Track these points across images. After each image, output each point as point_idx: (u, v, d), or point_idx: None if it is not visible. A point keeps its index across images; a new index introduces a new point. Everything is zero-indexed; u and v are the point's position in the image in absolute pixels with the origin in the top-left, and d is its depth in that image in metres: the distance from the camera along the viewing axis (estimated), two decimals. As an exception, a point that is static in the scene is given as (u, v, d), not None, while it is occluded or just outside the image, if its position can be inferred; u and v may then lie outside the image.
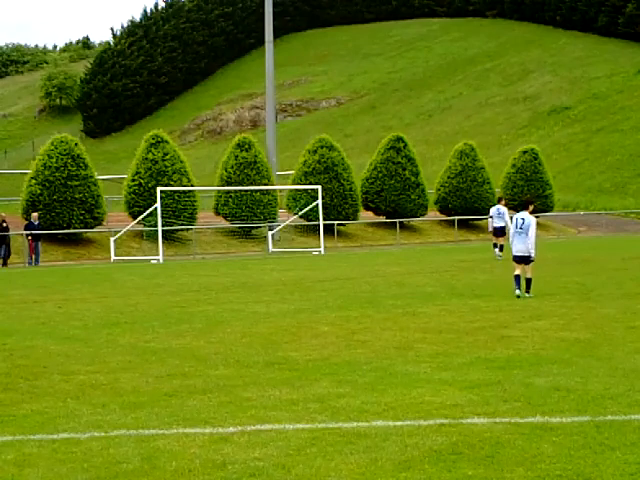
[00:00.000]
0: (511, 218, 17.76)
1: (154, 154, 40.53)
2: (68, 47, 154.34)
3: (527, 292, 16.25)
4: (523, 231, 16.09)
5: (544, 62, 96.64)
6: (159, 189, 37.10)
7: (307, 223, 44.19)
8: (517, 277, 16.43)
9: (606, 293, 16.89)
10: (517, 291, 16.27)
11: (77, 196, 37.65)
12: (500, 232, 28.52)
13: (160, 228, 36.29)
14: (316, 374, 9.32)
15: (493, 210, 29.71)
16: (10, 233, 34.99)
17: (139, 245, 39.75)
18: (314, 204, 42.35)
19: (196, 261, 35.59)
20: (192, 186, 41.47)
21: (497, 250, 28.60)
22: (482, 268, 24.84)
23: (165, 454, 6.43)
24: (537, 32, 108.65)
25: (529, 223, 16.03)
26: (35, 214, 36.06)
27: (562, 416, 7.21)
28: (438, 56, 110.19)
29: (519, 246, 16.24)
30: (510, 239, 16.71)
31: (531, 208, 16.71)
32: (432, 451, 6.30)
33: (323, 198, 42.46)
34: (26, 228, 35.07)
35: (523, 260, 16.23)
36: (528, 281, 16.28)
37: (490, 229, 29.85)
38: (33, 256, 34.68)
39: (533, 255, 16.17)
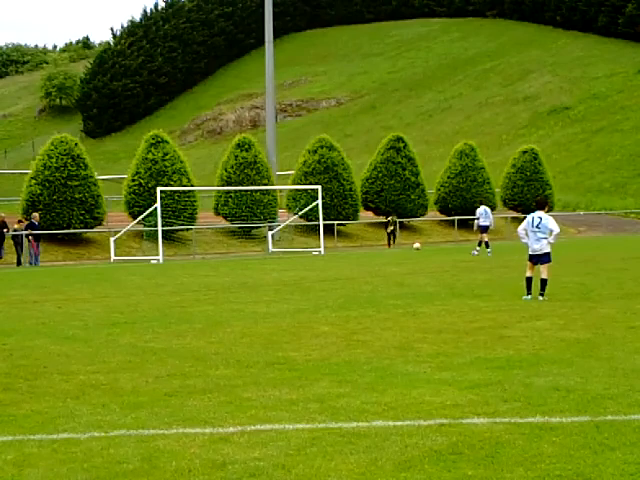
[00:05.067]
0: (524, 218, 17.81)
1: (154, 154, 40.55)
2: (68, 47, 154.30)
3: (541, 294, 15.82)
4: (540, 230, 15.81)
5: (544, 62, 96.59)
6: (159, 189, 37.10)
7: (307, 223, 44.20)
8: (529, 280, 16.08)
9: (606, 293, 16.89)
10: (527, 297, 15.88)
11: (77, 196, 37.67)
12: (486, 230, 32.99)
13: (160, 228, 36.29)
14: (316, 374, 9.32)
15: (480, 210, 33.70)
16: (10, 233, 35.05)
17: (139, 245, 39.76)
18: (314, 204, 42.35)
19: (196, 261, 35.59)
20: (192, 186, 41.48)
21: (478, 248, 32.56)
22: (482, 268, 24.84)
23: (165, 454, 6.42)
24: (537, 32, 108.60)
25: (547, 222, 15.79)
26: (36, 214, 36.10)
27: (562, 416, 7.21)
28: (438, 56, 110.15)
29: (535, 245, 15.93)
30: (522, 235, 16.30)
31: (547, 208, 16.62)
32: (432, 451, 6.30)
33: (323, 198, 42.46)
34: (27, 228, 35.12)
35: (540, 259, 15.90)
36: (543, 282, 15.84)
37: (476, 228, 34.18)
38: (33, 256, 34.74)
39: (554, 241, 15.87)
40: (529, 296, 15.95)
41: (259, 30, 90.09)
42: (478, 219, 33.45)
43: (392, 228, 43.08)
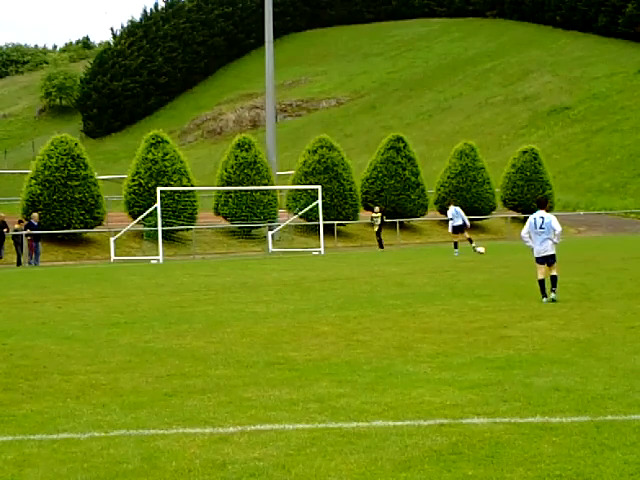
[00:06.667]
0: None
1: (154, 154, 40.55)
2: (68, 47, 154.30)
3: (552, 290, 15.50)
4: (544, 230, 15.52)
5: (544, 62, 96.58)
6: (159, 189, 37.11)
7: (307, 223, 44.20)
8: (542, 282, 15.73)
9: (606, 293, 16.88)
10: (544, 299, 15.46)
11: (77, 196, 37.67)
12: (460, 229, 32.94)
13: (160, 228, 36.29)
14: (316, 374, 9.32)
15: (451, 211, 33.36)
16: (11, 233, 35.06)
17: (139, 245, 39.76)
18: (314, 204, 42.35)
19: (196, 261, 35.59)
20: (192, 186, 41.49)
21: (457, 250, 32.31)
22: (482, 268, 24.83)
23: (165, 454, 6.43)
24: (537, 32, 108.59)
25: (550, 221, 15.51)
26: (36, 214, 36.11)
27: (562, 416, 7.20)
28: (438, 56, 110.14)
29: (540, 246, 15.63)
30: (525, 239, 16.01)
31: (547, 206, 16.38)
32: (432, 451, 6.30)
33: (323, 198, 42.46)
34: (26, 228, 35.13)
35: (546, 260, 15.64)
36: (553, 278, 15.59)
37: (450, 229, 33.82)
38: (33, 256, 34.78)
39: (558, 241, 15.59)
40: (545, 299, 15.53)
41: (259, 30, 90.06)
42: (452, 219, 33.25)
43: (379, 226, 39.76)
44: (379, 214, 40.05)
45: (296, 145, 77.66)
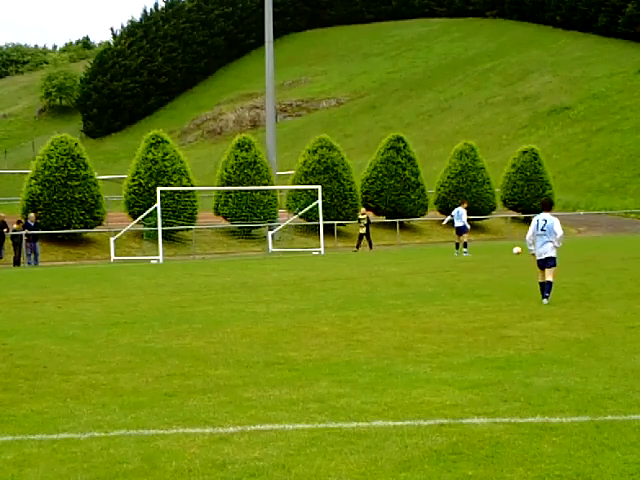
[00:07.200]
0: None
1: (154, 154, 40.55)
2: (68, 47, 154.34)
3: (545, 297, 15.30)
4: (546, 233, 15.33)
5: (544, 62, 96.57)
6: (159, 189, 37.11)
7: (307, 223, 44.20)
8: (542, 284, 15.54)
9: (606, 293, 16.88)
10: (544, 300, 15.31)
11: (77, 196, 37.67)
12: (461, 230, 33.07)
13: (160, 228, 36.29)
14: (316, 374, 9.32)
15: (454, 211, 33.96)
16: (10, 233, 35.05)
17: (139, 245, 39.76)
18: (314, 204, 42.35)
19: (196, 261, 35.59)
20: (192, 186, 41.49)
21: (457, 250, 32.53)
22: (482, 268, 24.84)
23: (165, 454, 6.42)
24: (537, 32, 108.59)
25: (552, 223, 15.32)
26: (32, 214, 36.08)
27: (562, 416, 7.20)
28: (438, 56, 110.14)
29: (541, 248, 15.43)
30: (529, 243, 15.71)
31: (551, 209, 16.18)
32: (432, 451, 6.30)
33: (323, 198, 42.45)
34: (24, 229, 35.10)
35: (545, 263, 15.40)
36: (548, 285, 15.39)
37: (444, 223, 35.91)
38: (32, 256, 34.77)
39: (558, 245, 15.37)
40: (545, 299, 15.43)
41: (259, 30, 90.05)
42: (452, 215, 33.98)
43: (365, 228, 39.76)
44: (365, 215, 40.43)
45: (296, 145, 77.65)
